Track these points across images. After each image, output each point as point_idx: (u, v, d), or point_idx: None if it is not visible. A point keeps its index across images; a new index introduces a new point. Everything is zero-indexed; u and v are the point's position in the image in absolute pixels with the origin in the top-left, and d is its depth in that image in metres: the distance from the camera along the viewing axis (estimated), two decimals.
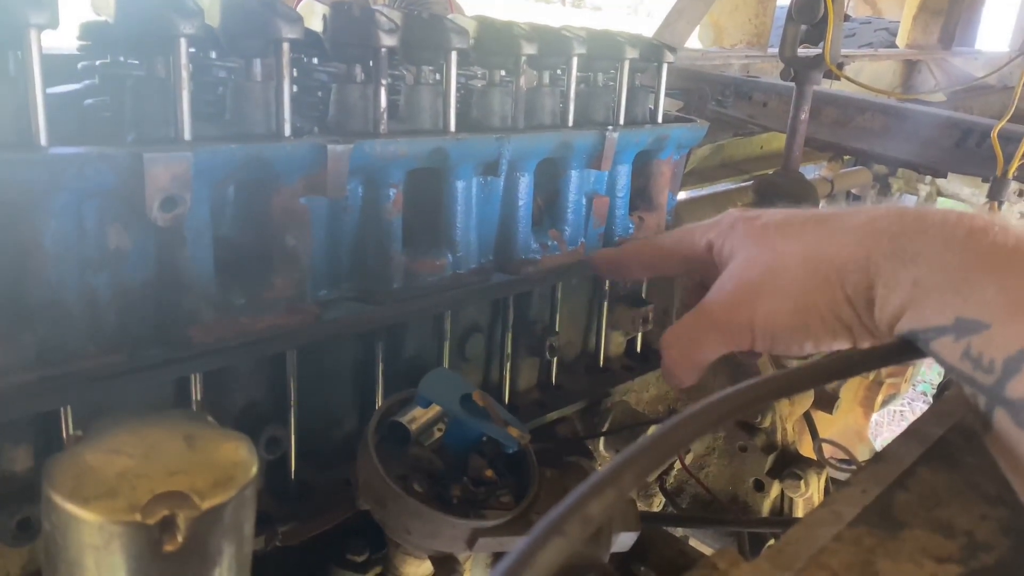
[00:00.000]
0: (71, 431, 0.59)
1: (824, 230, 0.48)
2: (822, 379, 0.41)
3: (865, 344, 0.48)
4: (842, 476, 1.15)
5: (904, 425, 0.69)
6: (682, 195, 2.51)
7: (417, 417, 0.71)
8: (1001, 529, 0.40)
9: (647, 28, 2.51)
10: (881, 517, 0.40)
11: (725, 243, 0.55)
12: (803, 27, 1.51)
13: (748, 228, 0.53)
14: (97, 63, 0.68)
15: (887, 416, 2.97)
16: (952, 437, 0.47)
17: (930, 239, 0.42)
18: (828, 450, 1.16)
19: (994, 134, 1.34)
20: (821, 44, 1.44)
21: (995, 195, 1.34)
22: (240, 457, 0.45)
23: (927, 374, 3.85)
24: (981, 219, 0.41)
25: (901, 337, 0.44)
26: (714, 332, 0.53)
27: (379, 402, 0.82)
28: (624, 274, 0.97)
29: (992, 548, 0.39)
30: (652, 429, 0.91)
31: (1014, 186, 1.34)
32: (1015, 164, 1.27)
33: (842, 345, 0.49)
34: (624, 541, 0.73)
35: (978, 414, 0.39)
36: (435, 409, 0.70)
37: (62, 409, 0.60)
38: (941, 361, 0.41)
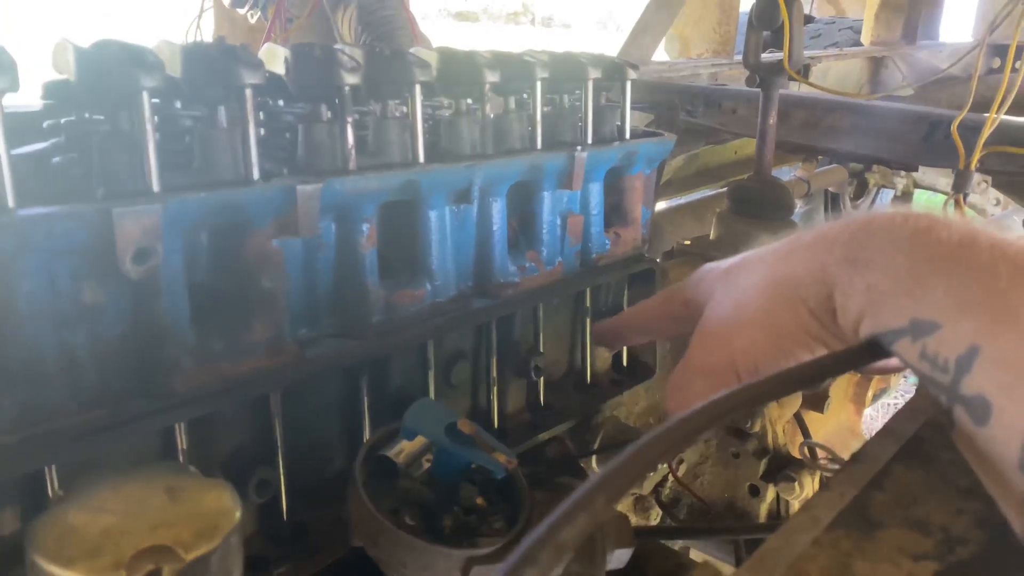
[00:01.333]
0: (56, 490, 0.59)
1: (779, 255, 0.49)
2: (792, 388, 0.42)
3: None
4: None
5: None
6: (661, 205, 2.54)
7: (404, 449, 0.71)
8: (976, 522, 0.40)
9: (616, 42, 2.54)
10: (858, 519, 0.40)
11: (697, 296, 0.58)
12: (765, 33, 1.53)
13: (714, 276, 0.57)
14: (62, 121, 0.69)
15: (881, 410, 2.98)
16: (926, 433, 0.48)
17: (878, 244, 0.43)
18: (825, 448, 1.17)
19: (954, 127, 1.36)
20: None
21: (960, 187, 1.36)
22: (223, 505, 0.45)
23: None
24: (926, 219, 0.42)
25: (867, 339, 0.45)
26: (699, 380, 0.55)
27: (367, 436, 0.82)
28: (625, 342, 1.02)
29: (968, 542, 0.39)
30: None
31: (978, 177, 1.36)
32: (976, 156, 1.29)
33: (821, 354, 0.50)
34: (619, 558, 0.74)
35: (942, 412, 0.40)
36: (421, 440, 0.71)
37: (46, 469, 0.60)
38: (904, 361, 0.42)
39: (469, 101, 0.87)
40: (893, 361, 0.43)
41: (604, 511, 0.31)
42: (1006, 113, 1.45)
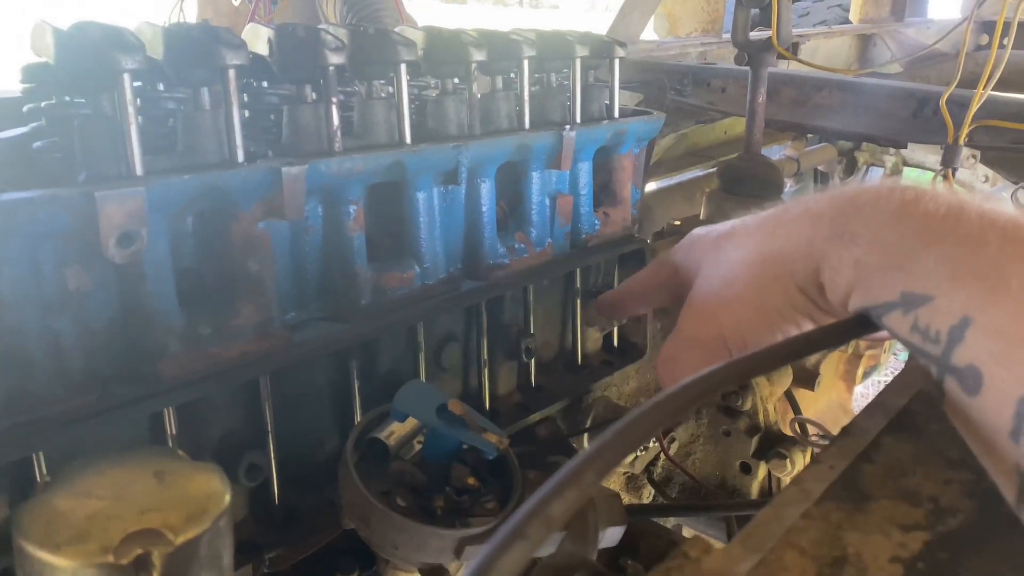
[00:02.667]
0: (45, 477, 0.59)
1: (767, 228, 0.49)
2: (781, 362, 0.42)
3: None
4: None
5: None
6: (651, 186, 2.53)
7: (395, 431, 0.71)
8: (965, 492, 0.41)
9: (605, 23, 2.52)
10: (848, 491, 0.40)
11: (687, 264, 0.58)
12: (754, 11, 1.52)
13: (702, 245, 0.56)
14: (43, 105, 0.68)
15: (872, 388, 3.00)
16: (915, 406, 0.48)
17: (865, 218, 0.43)
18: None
19: (942, 102, 1.36)
20: None
21: (948, 162, 1.36)
22: (212, 488, 0.45)
23: None
24: (912, 191, 0.42)
25: (856, 313, 0.45)
26: (689, 352, 0.55)
27: (358, 419, 0.82)
28: (624, 313, 1.02)
29: (958, 512, 0.39)
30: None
31: (967, 152, 1.36)
32: (964, 130, 1.29)
33: (809, 328, 0.50)
34: (612, 536, 0.74)
35: (932, 383, 0.40)
36: (412, 422, 0.71)
37: (34, 456, 0.59)
38: (894, 334, 0.42)
39: (456, 81, 0.86)
40: (884, 331, 0.44)
41: (594, 485, 0.31)
42: (993, 89, 1.45)
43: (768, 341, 0.50)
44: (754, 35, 1.55)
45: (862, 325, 0.44)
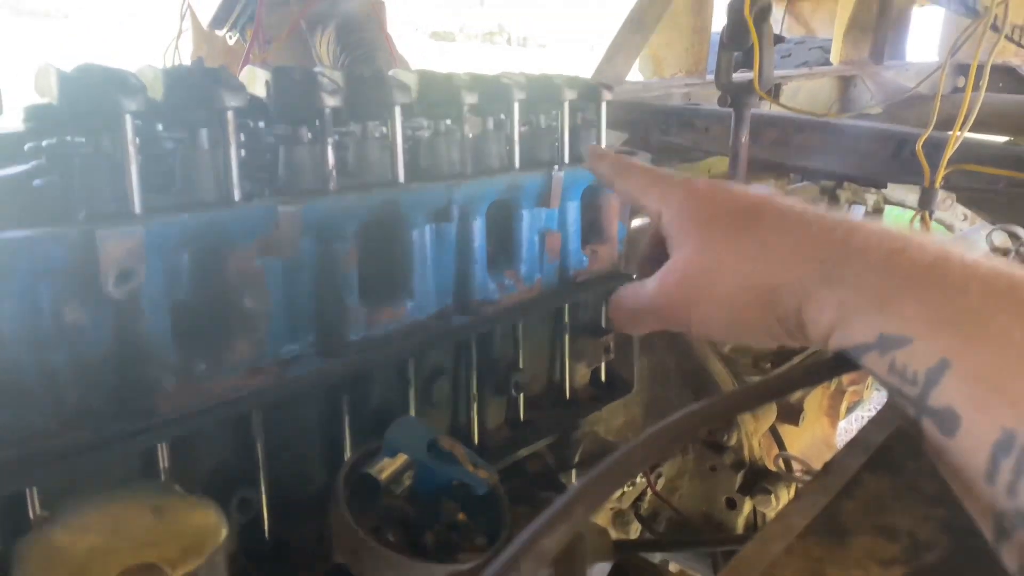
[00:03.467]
0: (38, 512, 0.59)
1: (760, 242, 0.49)
2: (764, 400, 0.43)
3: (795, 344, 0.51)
4: None
5: None
6: (637, 222, 2.56)
7: (386, 467, 0.71)
8: (942, 528, 0.42)
9: (591, 60, 2.57)
10: (829, 526, 0.42)
11: (673, 222, 0.56)
12: (736, 53, 1.56)
13: (695, 215, 0.54)
14: (44, 143, 0.69)
15: (856, 423, 3.02)
16: (893, 443, 0.50)
17: (853, 262, 0.44)
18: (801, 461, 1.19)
19: (919, 146, 1.40)
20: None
21: (925, 204, 1.39)
22: (209, 522, 0.45)
23: None
24: (900, 239, 0.44)
25: (837, 352, 0.46)
26: (653, 317, 0.57)
27: (348, 455, 0.82)
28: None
29: (934, 547, 0.41)
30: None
31: (943, 194, 1.39)
32: (940, 173, 1.33)
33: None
34: (599, 571, 0.75)
35: (910, 423, 0.41)
36: (403, 458, 0.71)
37: (27, 490, 0.60)
38: (872, 374, 0.43)
39: (448, 122, 0.88)
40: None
41: (584, 520, 0.32)
42: (970, 131, 1.49)
43: (731, 342, 0.52)
44: (738, 76, 1.59)
45: (843, 363, 0.45)
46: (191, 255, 0.69)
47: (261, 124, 0.80)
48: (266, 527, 0.77)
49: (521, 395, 1.03)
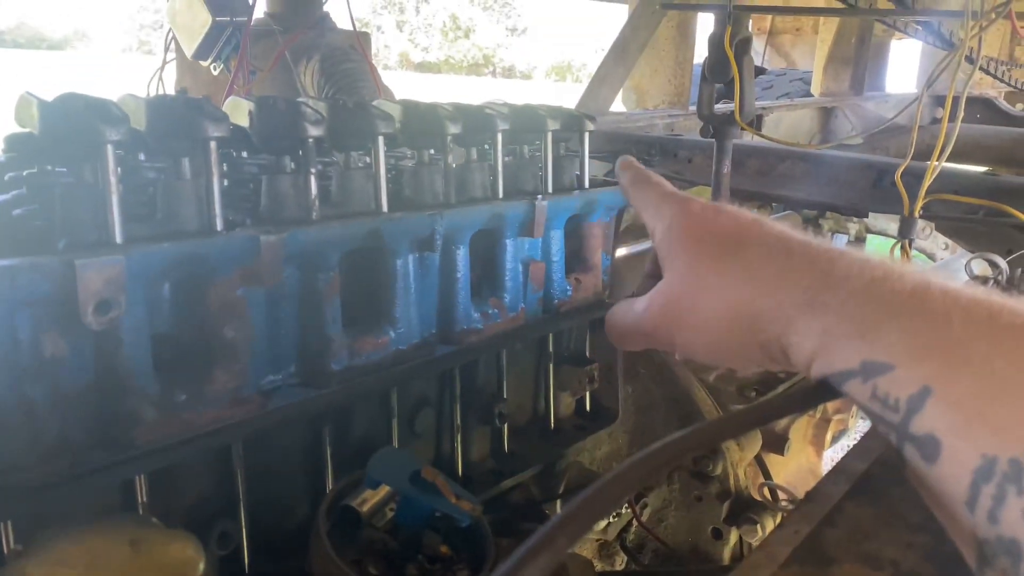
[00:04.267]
0: (11, 546, 0.58)
1: (744, 267, 0.50)
2: (746, 428, 0.43)
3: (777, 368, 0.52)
4: None
5: None
6: (622, 251, 2.57)
7: (368, 499, 0.71)
8: (925, 555, 0.42)
9: (575, 91, 2.60)
10: (812, 555, 0.42)
11: (664, 241, 0.57)
12: (718, 85, 1.59)
13: (685, 238, 0.55)
14: (24, 173, 0.69)
15: (841, 452, 3.02)
16: (876, 471, 0.50)
17: (836, 290, 0.45)
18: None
19: (897, 176, 1.42)
20: None
21: (905, 234, 1.41)
22: (187, 556, 0.45)
23: None
24: (881, 269, 0.44)
25: (819, 379, 0.47)
26: (641, 336, 0.58)
27: (330, 486, 0.81)
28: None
29: (918, 575, 0.40)
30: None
31: (922, 223, 1.41)
32: (919, 203, 1.35)
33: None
34: None
35: (893, 450, 0.41)
36: (385, 489, 0.71)
37: (2, 524, 0.59)
38: (855, 401, 0.43)
39: (432, 152, 0.88)
40: None
41: (566, 551, 0.32)
42: (948, 161, 1.52)
43: (714, 365, 0.52)
44: (720, 107, 1.61)
45: (826, 391, 0.46)
46: (172, 285, 0.68)
47: (244, 154, 0.80)
48: (246, 560, 0.76)
49: (505, 425, 1.03)
